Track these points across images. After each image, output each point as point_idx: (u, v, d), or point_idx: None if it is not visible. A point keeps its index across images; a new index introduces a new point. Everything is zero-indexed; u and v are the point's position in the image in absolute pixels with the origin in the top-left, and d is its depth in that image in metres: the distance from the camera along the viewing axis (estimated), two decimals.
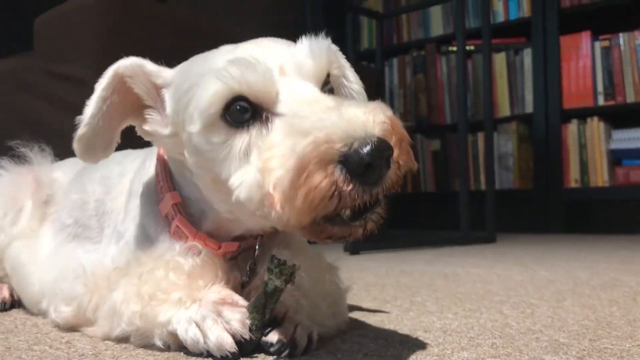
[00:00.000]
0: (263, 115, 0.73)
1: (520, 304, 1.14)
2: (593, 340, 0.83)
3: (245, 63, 0.72)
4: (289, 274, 0.74)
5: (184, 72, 0.81)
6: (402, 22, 4.44)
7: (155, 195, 0.91)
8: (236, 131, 0.73)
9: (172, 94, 0.81)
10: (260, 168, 0.68)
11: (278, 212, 0.66)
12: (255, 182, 0.69)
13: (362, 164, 0.62)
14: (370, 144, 0.63)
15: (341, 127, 0.64)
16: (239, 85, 0.71)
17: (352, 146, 0.62)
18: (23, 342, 0.86)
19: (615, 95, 3.58)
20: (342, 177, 0.63)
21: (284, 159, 0.66)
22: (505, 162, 3.91)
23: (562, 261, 1.96)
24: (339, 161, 0.63)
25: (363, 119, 0.65)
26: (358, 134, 0.63)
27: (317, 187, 0.63)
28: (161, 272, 0.80)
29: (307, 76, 0.75)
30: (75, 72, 1.87)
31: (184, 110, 0.77)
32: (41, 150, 1.26)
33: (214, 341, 0.73)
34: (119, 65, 0.82)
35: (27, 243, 1.14)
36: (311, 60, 0.75)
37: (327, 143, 0.63)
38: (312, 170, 0.63)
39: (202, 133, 0.74)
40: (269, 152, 0.68)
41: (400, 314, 1.06)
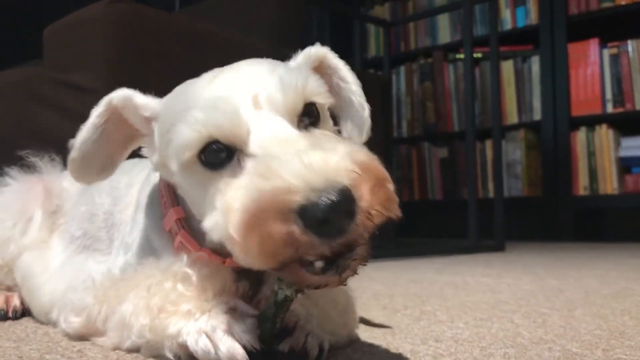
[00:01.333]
0: (235, 156, 0.71)
1: (531, 314, 1.13)
2: (606, 350, 0.82)
3: (212, 105, 0.71)
4: None
5: (167, 108, 0.81)
6: (409, 30, 4.45)
7: (159, 210, 0.91)
8: (211, 173, 0.72)
9: (158, 128, 0.82)
10: (223, 209, 0.67)
11: (237, 252, 0.66)
12: (221, 224, 0.68)
13: (317, 218, 0.59)
14: (328, 197, 0.59)
15: (302, 176, 0.61)
16: (207, 129, 0.70)
17: (309, 199, 0.59)
18: (35, 350, 0.86)
19: (624, 102, 3.57)
20: (298, 228, 0.60)
21: (243, 201, 0.64)
22: (514, 170, 3.90)
23: (573, 270, 1.95)
24: (296, 212, 0.60)
25: (328, 166, 0.62)
26: (318, 184, 0.60)
27: (271, 234, 0.61)
28: (169, 283, 0.80)
29: (279, 110, 0.72)
30: (84, 82, 1.88)
31: (166, 148, 0.78)
32: (51, 160, 1.27)
33: (225, 352, 0.73)
34: (112, 96, 0.84)
35: (37, 254, 1.14)
36: (280, 94, 0.73)
37: (286, 192, 0.60)
38: (268, 218, 0.61)
39: (180, 172, 0.76)
40: (230, 194, 0.67)
41: (410, 323, 1.06)
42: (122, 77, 1.87)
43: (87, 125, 0.84)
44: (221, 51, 2.06)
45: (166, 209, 0.89)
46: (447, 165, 4.16)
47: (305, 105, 0.75)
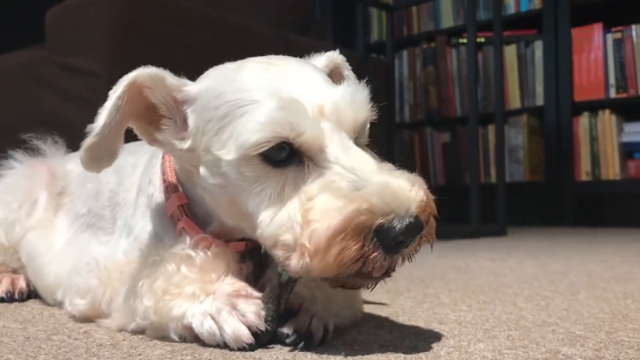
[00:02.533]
0: (303, 161, 0.73)
1: (534, 297, 1.14)
2: (609, 333, 0.83)
3: (295, 110, 0.72)
4: None
5: (213, 94, 0.78)
6: (412, 14, 4.43)
7: (160, 194, 0.91)
8: (272, 170, 0.73)
9: (197, 113, 0.79)
10: (299, 218, 0.69)
11: (305, 262, 0.69)
12: (290, 229, 0.70)
13: (396, 241, 0.67)
14: (407, 222, 0.67)
15: (385, 199, 0.67)
16: (287, 132, 0.71)
17: (392, 223, 0.67)
18: (41, 332, 0.87)
19: (627, 87, 3.56)
20: (372, 246, 0.67)
21: (327, 216, 0.68)
22: (516, 155, 3.90)
23: (575, 254, 1.95)
24: (375, 231, 0.67)
25: (406, 194, 0.69)
26: (399, 210, 0.67)
27: (349, 250, 0.67)
28: (173, 266, 0.80)
29: (345, 126, 0.75)
30: (87, 65, 1.88)
31: (214, 135, 0.76)
32: (54, 143, 1.27)
33: (230, 333, 0.73)
34: (139, 73, 0.79)
35: (42, 233, 1.15)
36: (352, 110, 0.76)
37: (370, 213, 0.67)
38: (349, 234, 0.67)
39: (235, 164, 0.74)
40: (310, 204, 0.69)
41: (414, 305, 1.06)
42: (125, 61, 1.87)
43: (108, 109, 0.78)
44: (224, 35, 2.05)
45: (168, 194, 0.89)
46: (449, 150, 4.16)
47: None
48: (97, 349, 0.75)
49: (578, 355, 0.71)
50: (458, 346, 0.76)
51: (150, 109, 0.82)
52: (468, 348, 0.75)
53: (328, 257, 0.67)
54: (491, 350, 0.74)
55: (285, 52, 0.89)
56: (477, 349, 0.74)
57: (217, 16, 2.12)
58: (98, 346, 0.77)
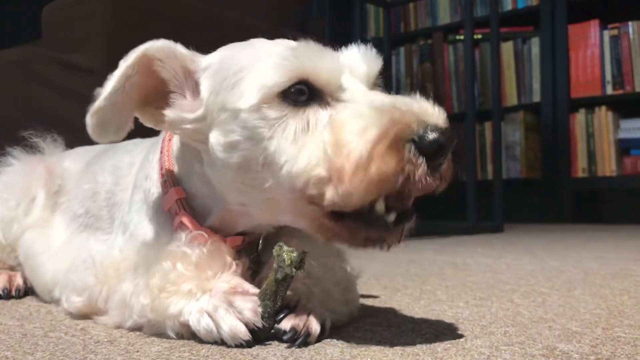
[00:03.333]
0: (324, 99, 0.75)
1: (531, 293, 1.14)
2: (606, 329, 0.83)
3: (318, 50, 0.75)
4: (298, 260, 0.74)
5: (227, 57, 0.80)
6: (409, 11, 4.43)
7: (157, 189, 0.91)
8: (294, 109, 0.74)
9: (211, 76, 0.80)
10: (331, 141, 0.70)
11: (344, 188, 0.68)
12: (322, 159, 0.70)
13: (435, 145, 0.67)
14: (441, 129, 0.68)
15: (415, 111, 0.69)
16: (311, 69, 0.73)
17: (427, 128, 0.67)
18: (38, 328, 0.86)
19: (624, 84, 3.56)
20: (413, 155, 0.67)
21: (363, 133, 0.68)
22: (513, 151, 3.90)
23: (572, 251, 1.96)
24: (412, 140, 0.67)
25: (433, 110, 0.71)
26: (431, 120, 0.69)
27: (391, 161, 0.67)
28: (169, 263, 0.80)
29: (360, 77, 0.78)
30: (83, 62, 1.87)
31: (230, 89, 0.77)
32: (54, 141, 1.27)
33: (228, 331, 0.73)
34: (150, 45, 0.80)
35: (40, 232, 1.14)
36: (364, 63, 0.79)
37: (403, 123, 0.67)
38: (388, 145, 0.67)
39: (256, 109, 0.74)
40: (341, 127, 0.70)
41: (411, 302, 1.06)
42: (122, 57, 1.86)
43: (117, 75, 0.79)
44: (222, 31, 2.05)
45: (166, 188, 0.88)
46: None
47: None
48: (94, 346, 0.75)
49: (575, 351, 0.71)
50: (455, 342, 0.76)
51: (159, 88, 0.82)
52: (465, 344, 0.75)
53: (370, 173, 0.67)
54: (488, 346, 0.74)
55: None
56: (474, 345, 0.74)
57: (214, 13, 2.12)
58: (95, 343, 0.77)
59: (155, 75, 0.81)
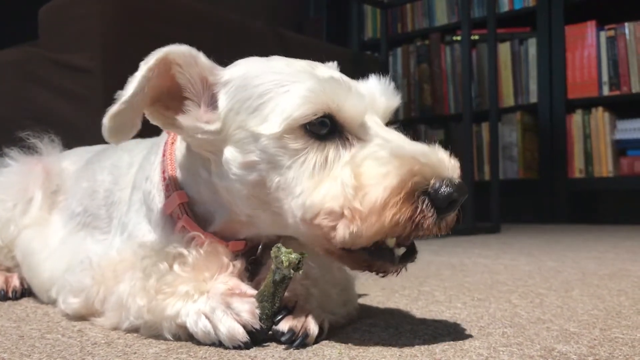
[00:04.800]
0: (344, 135, 0.76)
1: (529, 294, 1.14)
2: (604, 330, 0.83)
3: (345, 86, 0.76)
4: (296, 262, 0.74)
5: (250, 76, 0.79)
6: (406, 12, 4.43)
7: (158, 192, 0.90)
8: (315, 142, 0.75)
9: (231, 94, 0.79)
10: (351, 183, 0.71)
11: (355, 227, 0.70)
12: (338, 195, 0.71)
13: (448, 200, 0.70)
14: (457, 182, 0.71)
15: (433, 164, 0.71)
16: (335, 105, 0.74)
17: (443, 183, 0.70)
18: (35, 330, 0.86)
19: (621, 85, 3.57)
20: (427, 207, 0.70)
21: (382, 179, 0.70)
22: (510, 152, 3.90)
23: (569, 251, 1.96)
24: (427, 193, 0.70)
25: (448, 161, 0.73)
26: (447, 174, 0.71)
27: (405, 211, 0.69)
28: (165, 265, 0.80)
29: (378, 111, 0.80)
30: (80, 62, 1.87)
31: (252, 112, 0.77)
32: (51, 141, 1.26)
33: (225, 332, 0.73)
34: (172, 50, 0.79)
35: (37, 231, 1.14)
36: (384, 98, 0.81)
37: (421, 175, 0.70)
38: (405, 195, 0.69)
39: (278, 137, 0.74)
40: (361, 170, 0.72)
41: (409, 303, 1.06)
42: (119, 58, 1.86)
43: (138, 78, 0.78)
44: (219, 32, 2.05)
45: (168, 192, 0.88)
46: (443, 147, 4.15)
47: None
48: (91, 348, 0.75)
49: (572, 352, 0.71)
50: (453, 343, 0.76)
51: (171, 92, 0.81)
52: (463, 345, 0.75)
53: (382, 219, 0.69)
54: (486, 347, 0.74)
55: (281, 49, 0.89)
56: (472, 346, 0.74)
57: (211, 13, 2.12)
58: (93, 345, 0.77)
59: (172, 79, 0.81)
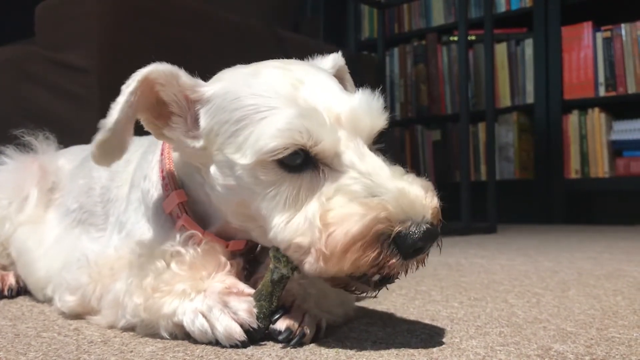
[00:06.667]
0: (318, 166, 0.74)
1: (525, 294, 1.14)
2: (600, 330, 0.83)
3: (317, 119, 0.73)
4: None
5: (229, 96, 0.77)
6: (403, 12, 4.43)
7: (156, 191, 0.90)
8: (287, 175, 0.74)
9: (211, 114, 0.78)
10: (317, 223, 0.70)
11: (320, 265, 0.70)
12: (306, 232, 0.71)
13: (413, 247, 0.68)
14: (424, 229, 0.69)
15: (402, 207, 0.69)
16: (305, 140, 0.72)
17: (410, 230, 0.68)
18: (31, 328, 0.86)
19: (617, 86, 3.58)
20: (390, 252, 0.69)
21: (346, 222, 0.69)
22: (506, 152, 3.91)
23: (565, 252, 1.96)
24: (392, 239, 0.68)
25: (422, 201, 0.70)
26: (416, 217, 0.69)
27: (366, 257, 0.68)
28: (162, 263, 0.80)
29: (361, 133, 0.76)
30: (77, 61, 1.86)
31: (229, 137, 0.76)
32: (46, 139, 1.26)
33: (222, 331, 0.73)
34: (152, 70, 0.78)
35: (32, 228, 1.14)
36: (368, 117, 0.77)
37: (388, 221, 0.68)
38: (366, 242, 0.68)
39: (250, 168, 0.74)
40: (328, 205, 0.71)
41: (405, 302, 1.06)
42: (115, 57, 1.86)
43: (121, 104, 0.77)
44: (216, 31, 2.04)
45: (167, 191, 0.88)
46: (440, 147, 4.17)
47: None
48: (88, 346, 0.75)
49: (569, 351, 0.71)
50: (450, 343, 0.76)
51: (161, 103, 0.81)
52: (460, 345, 0.75)
53: (344, 262, 0.69)
54: (483, 346, 0.74)
55: (278, 49, 0.89)
56: (469, 346, 0.74)
57: (209, 12, 2.11)
58: (89, 343, 0.76)
59: (157, 96, 0.80)
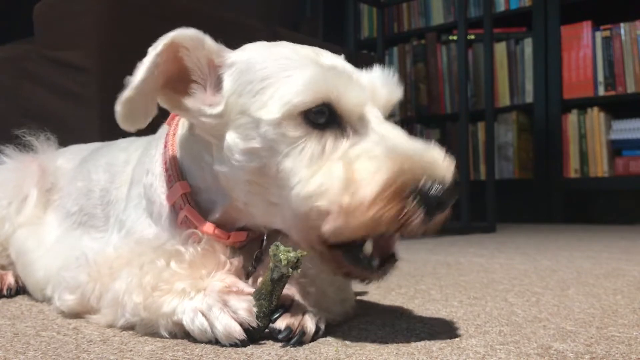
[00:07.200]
0: (343, 125, 0.75)
1: (525, 293, 1.14)
2: (600, 328, 0.83)
3: (346, 76, 0.75)
4: (295, 260, 0.74)
5: (254, 59, 0.79)
6: (402, 11, 4.43)
7: (160, 183, 0.90)
8: (313, 131, 0.74)
9: (235, 76, 0.80)
10: (345, 176, 0.70)
11: (341, 221, 0.70)
12: (329, 189, 0.71)
13: (437, 200, 0.69)
14: (447, 185, 0.69)
15: (426, 162, 0.70)
16: (335, 95, 0.73)
17: (433, 183, 0.69)
18: (30, 328, 0.86)
19: (616, 85, 3.58)
20: (414, 207, 0.69)
21: (372, 175, 0.69)
22: (506, 152, 3.91)
23: (564, 251, 1.96)
24: (417, 192, 0.69)
25: (442, 161, 0.72)
26: (439, 174, 0.70)
27: (391, 209, 0.68)
28: (162, 261, 0.80)
29: (378, 103, 0.79)
30: (76, 59, 1.86)
31: (254, 95, 0.77)
32: (47, 139, 1.26)
33: (222, 330, 0.73)
34: (179, 33, 0.79)
35: (32, 229, 1.14)
36: (386, 90, 0.80)
37: (412, 173, 0.69)
38: (392, 193, 0.68)
39: (277, 123, 0.74)
40: (354, 166, 0.71)
41: (405, 301, 1.06)
42: (115, 55, 1.85)
43: (147, 64, 0.78)
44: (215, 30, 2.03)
45: (170, 183, 0.88)
46: (439, 146, 4.16)
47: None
48: (87, 345, 0.75)
49: (569, 350, 0.71)
50: (450, 342, 0.76)
51: (180, 74, 0.81)
52: (460, 343, 0.75)
53: (368, 214, 0.69)
54: (483, 345, 0.74)
55: None
56: (469, 345, 0.74)
57: (207, 11, 2.11)
58: (88, 342, 0.76)
59: (179, 62, 0.81)
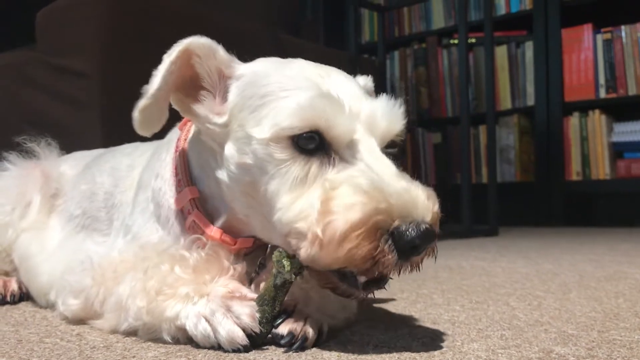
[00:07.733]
0: (330, 153, 0.75)
1: (527, 296, 1.14)
2: (602, 332, 0.83)
3: (337, 105, 0.75)
4: (297, 266, 0.74)
5: (260, 74, 0.81)
6: (403, 15, 4.44)
7: (169, 188, 0.91)
8: (299, 155, 0.75)
9: (240, 89, 0.81)
10: (320, 208, 0.70)
11: (315, 251, 0.70)
12: (307, 216, 0.71)
13: (409, 245, 0.68)
14: (424, 228, 0.68)
15: (404, 203, 0.69)
16: (321, 122, 0.74)
17: (409, 226, 0.68)
18: (34, 334, 0.86)
19: (617, 88, 3.58)
20: (387, 248, 0.68)
21: (347, 210, 0.69)
22: (507, 155, 3.91)
23: (566, 254, 1.96)
24: (390, 233, 0.68)
25: (424, 202, 0.71)
26: (416, 215, 0.69)
27: (362, 247, 0.68)
28: (166, 266, 0.80)
29: (377, 133, 0.78)
30: (78, 66, 1.87)
31: (251, 111, 0.78)
32: (48, 145, 1.26)
33: (225, 335, 0.73)
34: (193, 41, 0.81)
35: (35, 234, 1.14)
36: (386, 121, 0.79)
37: (388, 214, 0.68)
38: (365, 232, 0.68)
39: (266, 143, 0.75)
40: (332, 195, 0.71)
41: (407, 306, 1.06)
42: (116, 62, 1.86)
43: (162, 71, 0.80)
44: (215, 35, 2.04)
45: (180, 187, 0.88)
46: (440, 150, 4.17)
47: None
48: (90, 352, 0.75)
49: (571, 354, 0.72)
50: (452, 346, 0.76)
51: (193, 80, 0.83)
52: (462, 348, 0.75)
53: (340, 251, 0.68)
54: (485, 349, 0.74)
55: (278, 53, 0.89)
56: (470, 349, 0.74)
57: (209, 16, 2.12)
58: (91, 348, 0.77)
59: (192, 68, 0.83)
